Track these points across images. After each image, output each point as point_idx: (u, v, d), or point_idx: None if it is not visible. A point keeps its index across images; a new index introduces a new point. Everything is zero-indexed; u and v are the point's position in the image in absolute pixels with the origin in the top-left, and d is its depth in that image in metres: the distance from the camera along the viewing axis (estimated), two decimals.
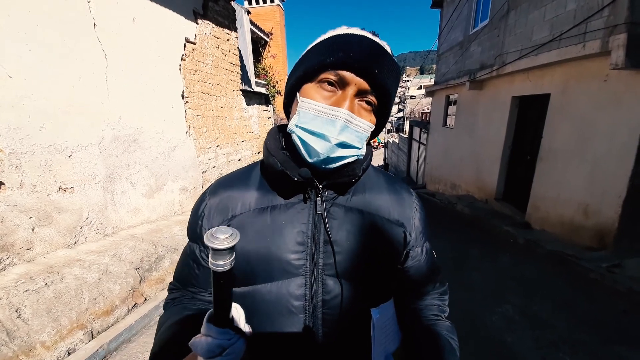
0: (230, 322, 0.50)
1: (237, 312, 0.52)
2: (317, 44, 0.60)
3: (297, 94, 0.60)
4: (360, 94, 0.56)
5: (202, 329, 0.49)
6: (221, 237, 0.42)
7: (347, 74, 0.55)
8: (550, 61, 4.32)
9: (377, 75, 0.55)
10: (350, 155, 0.58)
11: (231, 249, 0.43)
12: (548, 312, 2.76)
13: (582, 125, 4.10)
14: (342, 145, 0.56)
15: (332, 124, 0.55)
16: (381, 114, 0.62)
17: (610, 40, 3.34)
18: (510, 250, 4.30)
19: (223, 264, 0.42)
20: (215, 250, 0.41)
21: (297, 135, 0.58)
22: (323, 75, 0.56)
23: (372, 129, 0.60)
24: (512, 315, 2.73)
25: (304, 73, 0.58)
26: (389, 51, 0.59)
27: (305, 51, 0.62)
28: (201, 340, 0.47)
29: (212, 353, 0.46)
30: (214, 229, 0.43)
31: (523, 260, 3.91)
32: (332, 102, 0.56)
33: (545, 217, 4.80)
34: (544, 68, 4.65)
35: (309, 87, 0.58)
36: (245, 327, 0.54)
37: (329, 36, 0.59)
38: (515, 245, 4.48)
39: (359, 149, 0.59)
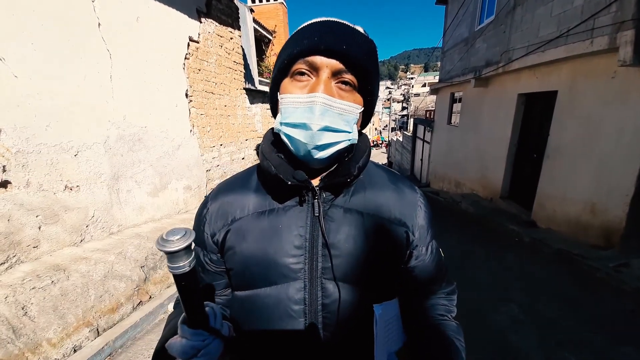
0: (204, 323, 0.49)
1: (214, 312, 0.53)
2: (286, 42, 0.60)
3: (277, 93, 0.59)
4: (335, 75, 0.55)
5: (178, 330, 0.49)
6: (173, 239, 0.40)
7: (315, 58, 0.54)
8: (558, 57, 4.26)
9: (347, 52, 0.53)
10: (341, 140, 0.56)
11: (187, 250, 0.41)
12: (553, 312, 2.73)
13: (590, 122, 4.04)
14: (327, 129, 0.54)
15: (311, 111, 0.53)
16: (366, 92, 0.59)
17: (618, 36, 3.29)
18: (515, 249, 4.26)
19: (182, 266, 0.41)
20: (168, 253, 0.40)
21: (283, 132, 0.57)
22: (295, 68, 0.56)
23: (359, 110, 0.58)
24: (517, 315, 2.71)
25: (277, 71, 0.59)
26: (357, 28, 0.58)
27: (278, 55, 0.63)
28: (176, 342, 0.48)
29: (186, 355, 0.47)
30: (166, 232, 0.41)
31: (529, 259, 3.87)
32: (308, 90, 0.54)
33: (551, 216, 4.75)
34: (550, 65, 4.59)
35: (286, 83, 0.58)
36: (224, 327, 0.53)
37: (295, 31, 0.59)
38: (520, 244, 4.44)
39: (349, 132, 0.57)
